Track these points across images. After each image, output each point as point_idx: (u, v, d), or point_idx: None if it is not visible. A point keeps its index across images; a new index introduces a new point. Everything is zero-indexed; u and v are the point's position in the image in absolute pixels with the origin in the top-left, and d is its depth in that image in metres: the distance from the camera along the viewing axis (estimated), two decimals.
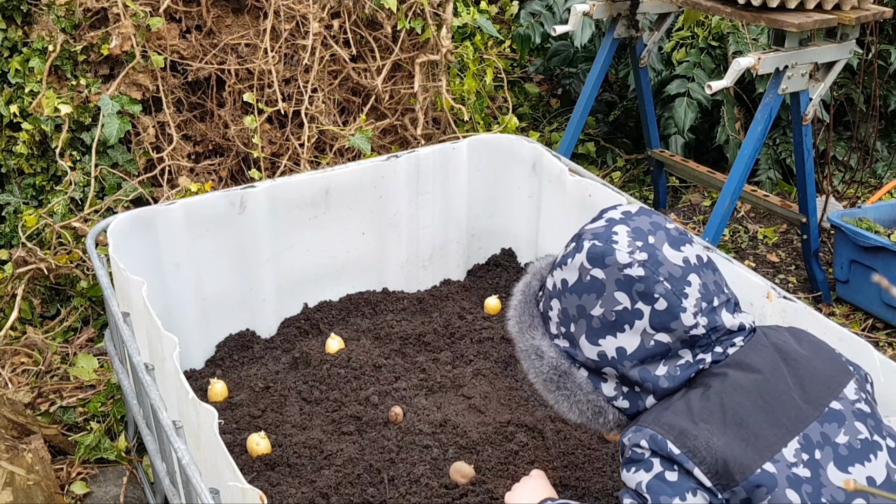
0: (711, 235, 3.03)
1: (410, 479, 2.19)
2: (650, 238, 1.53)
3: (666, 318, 1.48)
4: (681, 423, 1.45)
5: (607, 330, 1.51)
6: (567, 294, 1.55)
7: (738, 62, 2.85)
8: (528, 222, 3.11)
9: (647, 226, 1.56)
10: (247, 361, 2.72)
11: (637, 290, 1.49)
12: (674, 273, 1.49)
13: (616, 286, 1.50)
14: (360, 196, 2.85)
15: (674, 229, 1.57)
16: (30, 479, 2.27)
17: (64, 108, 3.02)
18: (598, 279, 1.51)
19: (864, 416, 1.51)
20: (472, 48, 3.85)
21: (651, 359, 1.50)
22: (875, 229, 3.30)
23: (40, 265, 2.93)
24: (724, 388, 1.48)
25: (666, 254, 1.51)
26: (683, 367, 1.51)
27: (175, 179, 3.17)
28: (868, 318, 3.33)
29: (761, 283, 2.22)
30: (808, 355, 1.57)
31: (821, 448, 1.44)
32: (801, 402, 1.48)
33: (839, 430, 1.47)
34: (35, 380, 2.85)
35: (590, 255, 1.53)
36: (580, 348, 1.55)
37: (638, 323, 1.49)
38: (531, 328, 1.65)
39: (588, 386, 1.58)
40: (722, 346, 1.53)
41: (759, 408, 1.46)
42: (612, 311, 1.50)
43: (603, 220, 1.59)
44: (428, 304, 2.98)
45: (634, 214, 1.58)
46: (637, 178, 4.40)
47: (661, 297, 1.48)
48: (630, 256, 1.50)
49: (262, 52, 3.21)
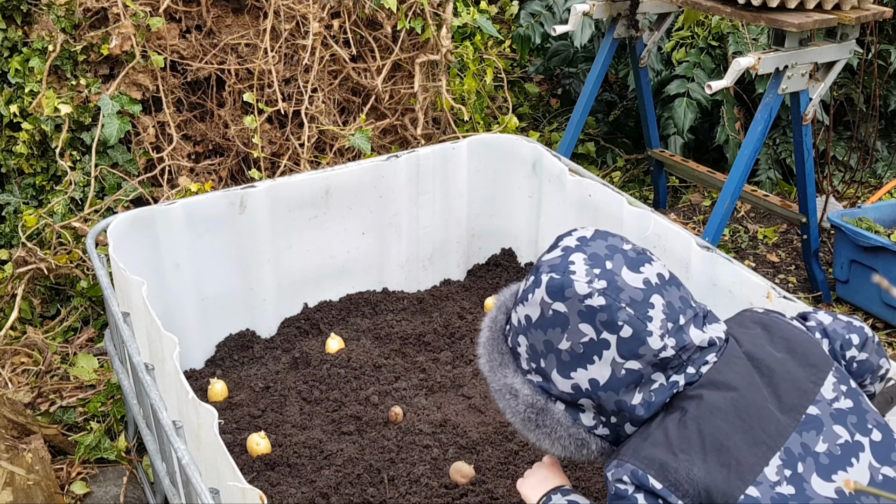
0: (711, 235, 3.03)
1: (410, 479, 2.20)
2: (607, 263, 1.50)
3: (633, 345, 1.46)
4: (660, 455, 1.43)
5: (577, 362, 1.49)
6: (532, 330, 1.52)
7: (738, 62, 2.85)
8: (528, 222, 3.11)
9: (604, 250, 1.52)
10: (247, 361, 2.72)
11: (600, 320, 1.46)
12: (635, 297, 1.46)
13: (579, 318, 1.47)
14: (360, 196, 2.85)
15: (631, 250, 1.54)
16: (30, 479, 2.27)
17: (64, 108, 3.02)
18: (561, 313, 1.48)
19: (844, 416, 1.49)
20: (472, 48, 3.85)
21: (625, 388, 1.47)
22: (875, 229, 3.30)
23: (40, 265, 2.93)
24: (701, 412, 1.45)
25: (625, 278, 1.48)
26: (658, 391, 1.48)
27: (175, 179, 3.17)
28: (868, 318, 3.33)
29: (761, 283, 2.22)
30: (782, 357, 1.55)
31: (802, 460, 1.42)
32: (778, 413, 1.46)
33: (818, 438, 1.45)
34: (35, 380, 2.85)
35: (549, 289, 1.50)
36: (553, 382, 1.52)
37: (606, 353, 1.46)
38: (502, 366, 1.61)
39: (567, 420, 1.55)
40: (694, 366, 1.50)
41: (737, 429, 1.43)
42: (580, 344, 1.47)
43: (559, 248, 1.56)
44: (428, 304, 2.98)
45: (590, 239, 1.55)
46: (637, 178, 4.40)
47: (625, 323, 1.45)
48: (589, 286, 1.47)
49: (262, 52, 3.21)
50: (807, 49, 2.95)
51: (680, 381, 1.49)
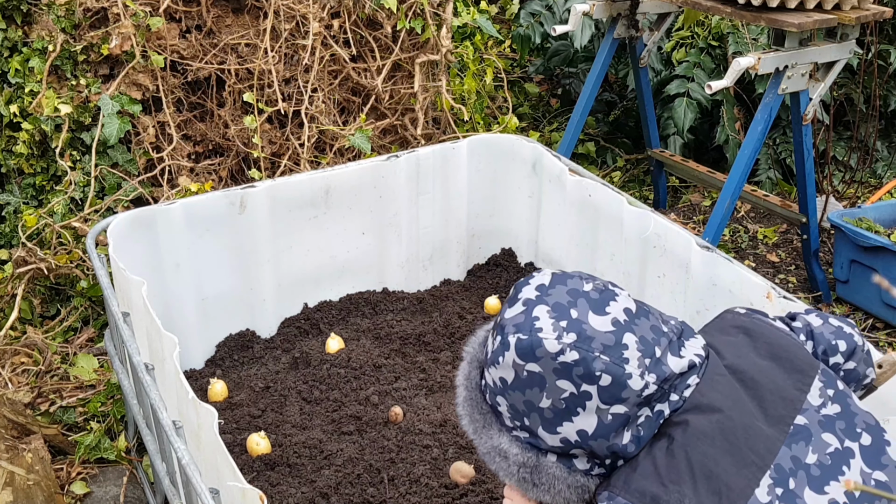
0: (711, 235, 3.03)
1: (410, 479, 2.20)
2: (572, 312, 1.45)
3: (615, 391, 1.42)
4: (651, 488, 1.40)
5: (562, 417, 1.45)
6: (510, 392, 1.48)
7: (738, 62, 2.85)
8: (528, 222, 3.11)
9: (566, 297, 1.47)
10: (247, 361, 2.72)
11: (577, 374, 1.41)
12: (607, 342, 1.42)
13: (556, 375, 1.42)
14: (360, 196, 2.85)
15: (593, 290, 1.49)
16: (30, 479, 2.27)
17: (64, 108, 3.02)
18: (536, 373, 1.44)
19: (832, 423, 1.47)
20: (472, 48, 3.85)
21: (615, 433, 1.45)
22: (875, 229, 3.30)
23: (40, 265, 2.93)
24: (687, 438, 1.43)
25: (593, 324, 1.43)
26: (645, 425, 1.46)
27: (175, 179, 3.17)
28: (868, 318, 3.33)
29: (761, 283, 2.22)
30: (766, 365, 1.52)
31: (794, 475, 1.40)
32: (766, 427, 1.44)
33: (807, 449, 1.43)
34: (35, 380, 2.85)
35: (518, 350, 1.44)
36: (541, 438, 1.48)
37: (589, 403, 1.43)
38: (486, 427, 1.55)
39: (562, 471, 1.51)
40: (677, 392, 1.47)
41: (725, 452, 1.41)
42: (561, 400, 1.43)
43: (520, 303, 1.50)
44: (428, 304, 2.98)
45: (549, 287, 1.50)
46: (637, 178, 4.40)
47: (603, 372, 1.41)
48: (559, 342, 1.42)
49: (262, 51, 3.21)
50: (807, 49, 2.95)
51: (665, 410, 1.47)
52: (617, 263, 2.77)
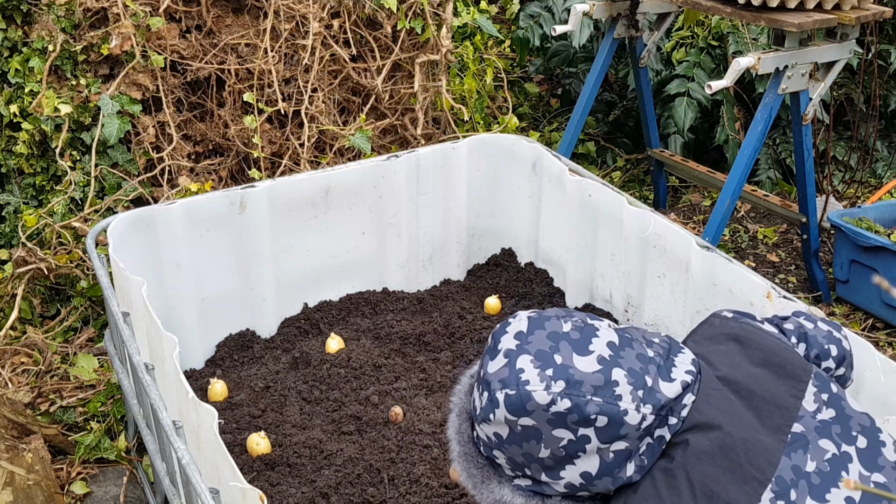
0: (711, 235, 3.03)
1: (410, 479, 2.20)
2: (556, 357, 1.41)
3: (613, 429, 1.40)
4: None
5: (564, 463, 1.43)
6: (507, 446, 1.45)
7: (738, 62, 2.85)
8: (528, 222, 3.11)
9: (547, 342, 1.44)
10: (247, 361, 2.72)
11: (572, 421, 1.39)
12: (596, 383, 1.39)
13: (551, 426, 1.40)
14: (360, 196, 2.85)
15: (573, 330, 1.45)
16: (30, 479, 2.27)
17: (64, 108, 3.02)
18: (530, 426, 1.40)
19: (828, 428, 1.46)
20: (472, 48, 3.85)
21: (619, 468, 1.43)
22: (875, 229, 3.30)
23: (40, 265, 2.93)
24: (687, 458, 1.42)
25: (579, 367, 1.40)
26: (648, 452, 1.44)
27: (175, 179, 3.17)
28: (868, 318, 3.33)
29: (761, 282, 2.22)
30: (760, 373, 1.51)
31: (795, 486, 1.39)
32: (765, 438, 1.43)
33: (806, 457, 1.42)
34: (35, 380, 2.85)
35: (508, 407, 1.41)
36: (544, 484, 1.46)
37: (589, 446, 1.40)
38: (485, 482, 1.51)
39: None
40: (675, 416, 1.45)
41: (725, 470, 1.40)
42: (560, 448, 1.41)
43: (501, 354, 1.45)
44: (428, 304, 2.98)
45: (528, 334, 1.46)
46: (637, 178, 4.40)
47: (598, 414, 1.38)
48: (549, 393, 1.38)
49: (262, 51, 3.21)
50: (807, 49, 2.95)
51: (666, 435, 1.45)
52: (617, 263, 2.77)
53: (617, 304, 2.83)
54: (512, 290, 3.06)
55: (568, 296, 2.96)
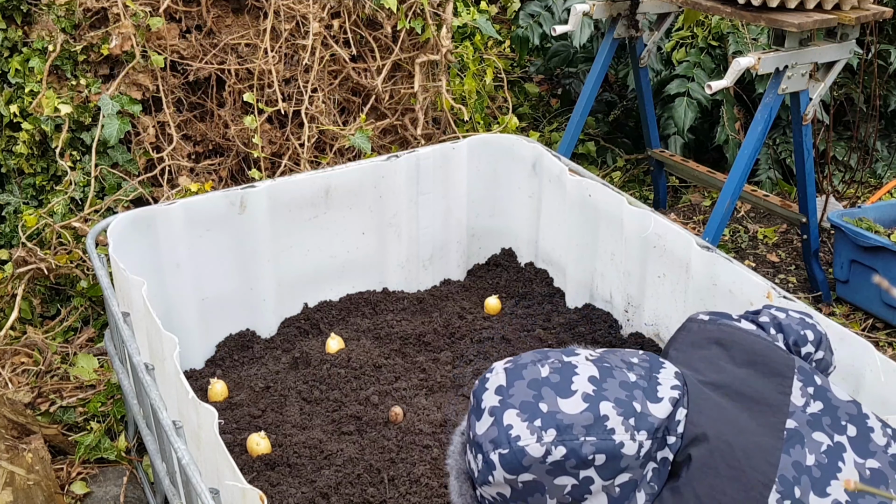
0: (711, 235, 3.03)
1: (410, 479, 2.20)
2: (541, 406, 1.40)
3: (614, 465, 1.39)
4: None
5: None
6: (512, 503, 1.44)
7: (738, 62, 2.85)
8: (528, 222, 3.11)
9: (529, 392, 1.42)
10: (247, 361, 2.72)
11: (571, 466, 1.38)
12: (586, 422, 1.38)
13: (551, 476, 1.39)
14: (360, 196, 2.85)
15: (552, 373, 1.44)
16: (30, 479, 2.27)
17: (64, 108, 3.02)
18: (531, 480, 1.40)
19: (819, 420, 1.47)
20: (472, 48, 3.85)
21: (628, 500, 1.42)
22: (875, 229, 3.30)
23: (40, 265, 2.93)
24: (692, 474, 1.41)
25: (566, 410, 1.39)
26: (655, 477, 1.44)
27: (175, 179, 3.17)
28: (868, 318, 3.33)
29: (761, 282, 2.22)
30: (745, 374, 1.51)
31: (798, 483, 1.40)
32: (762, 439, 1.43)
33: (804, 452, 1.42)
34: (35, 380, 2.85)
35: (505, 467, 1.40)
36: None
37: (594, 486, 1.40)
38: None
39: None
40: (673, 434, 1.45)
41: (729, 479, 1.40)
42: (566, 495, 1.40)
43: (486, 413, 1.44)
44: (428, 304, 2.98)
45: (508, 387, 1.44)
46: (637, 178, 4.40)
47: (595, 453, 1.38)
48: (542, 444, 1.37)
49: (262, 52, 3.21)
50: (807, 49, 2.95)
51: (669, 456, 1.45)
52: (617, 263, 2.77)
53: (617, 304, 2.83)
54: (512, 290, 3.06)
55: (568, 296, 2.96)
